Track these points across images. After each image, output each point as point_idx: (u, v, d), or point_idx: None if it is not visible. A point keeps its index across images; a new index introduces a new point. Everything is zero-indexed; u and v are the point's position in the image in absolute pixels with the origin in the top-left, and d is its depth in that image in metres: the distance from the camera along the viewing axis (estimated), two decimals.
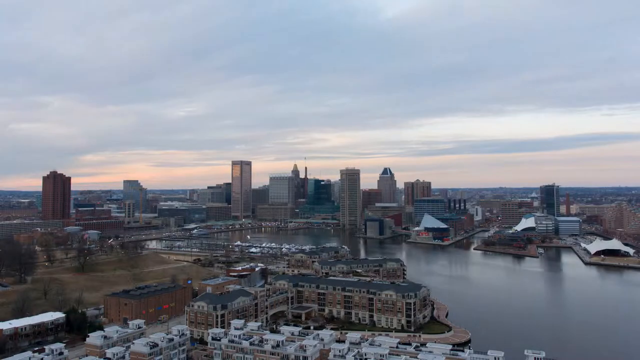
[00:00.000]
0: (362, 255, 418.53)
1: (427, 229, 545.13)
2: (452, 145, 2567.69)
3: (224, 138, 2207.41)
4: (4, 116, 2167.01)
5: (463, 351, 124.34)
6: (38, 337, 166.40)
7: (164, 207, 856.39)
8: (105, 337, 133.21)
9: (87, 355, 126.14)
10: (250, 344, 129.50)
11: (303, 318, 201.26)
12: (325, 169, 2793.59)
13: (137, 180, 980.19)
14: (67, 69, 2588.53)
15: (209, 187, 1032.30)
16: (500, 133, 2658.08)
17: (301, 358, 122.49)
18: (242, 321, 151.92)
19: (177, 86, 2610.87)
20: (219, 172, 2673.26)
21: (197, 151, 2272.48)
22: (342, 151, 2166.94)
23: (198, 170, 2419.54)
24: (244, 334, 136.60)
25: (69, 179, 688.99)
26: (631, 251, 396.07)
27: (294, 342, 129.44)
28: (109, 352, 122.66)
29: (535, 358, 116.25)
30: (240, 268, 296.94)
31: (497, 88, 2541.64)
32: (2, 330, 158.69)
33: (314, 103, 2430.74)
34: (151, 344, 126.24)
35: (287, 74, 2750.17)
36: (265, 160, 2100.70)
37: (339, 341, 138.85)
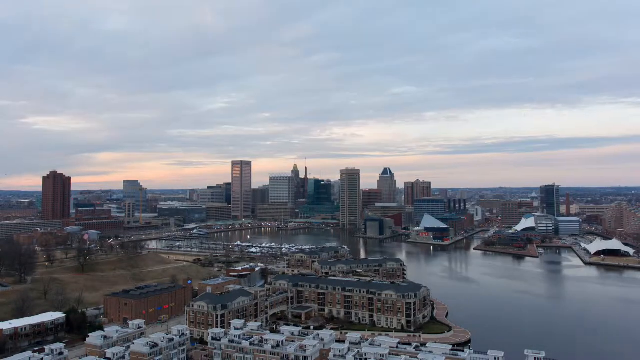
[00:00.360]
0: (362, 255, 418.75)
1: (427, 229, 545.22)
2: (497, 140, 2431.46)
3: (254, 134, 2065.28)
4: (19, 108, 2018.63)
5: (463, 351, 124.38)
6: (38, 337, 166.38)
7: (164, 207, 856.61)
8: (105, 337, 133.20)
9: (87, 355, 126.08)
10: (250, 344, 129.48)
11: (303, 318, 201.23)
12: (325, 168, 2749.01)
13: (137, 180, 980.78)
14: (103, 47, 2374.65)
15: (209, 187, 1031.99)
16: (554, 129, 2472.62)
17: (301, 358, 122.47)
18: (242, 321, 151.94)
19: (230, 68, 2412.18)
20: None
21: (220, 148, 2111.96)
22: (371, 148, 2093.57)
23: (215, 168, 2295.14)
24: (244, 334, 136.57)
25: (69, 179, 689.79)
26: (631, 251, 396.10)
27: (294, 342, 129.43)
28: (109, 352, 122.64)
29: (535, 358, 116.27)
30: (240, 268, 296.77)
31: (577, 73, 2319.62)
32: (2, 330, 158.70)
33: (375, 91, 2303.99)
34: (151, 344, 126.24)
35: (367, 52, 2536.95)
36: (288, 159, 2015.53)
37: (339, 341, 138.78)
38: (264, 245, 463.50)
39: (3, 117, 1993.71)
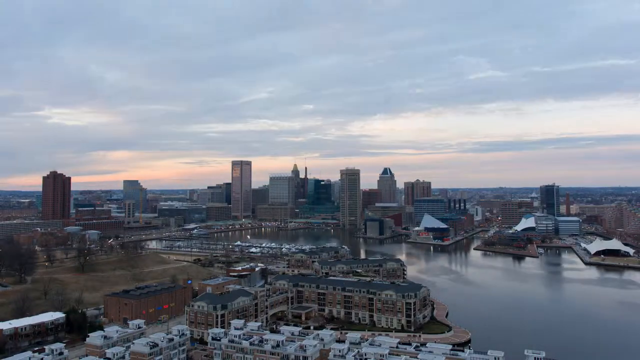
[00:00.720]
0: (362, 255, 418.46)
1: (427, 229, 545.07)
2: (548, 137, 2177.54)
3: (287, 129, 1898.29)
4: (36, 98, 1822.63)
5: (463, 351, 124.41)
6: (38, 337, 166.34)
7: (164, 207, 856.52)
8: (105, 337, 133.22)
9: (87, 355, 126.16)
10: (250, 344, 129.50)
11: (303, 318, 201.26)
12: (325, 168, 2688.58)
13: (137, 180, 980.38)
14: (148, 17, 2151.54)
15: (209, 187, 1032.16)
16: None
17: (301, 358, 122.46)
18: (242, 321, 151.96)
19: (288, 48, 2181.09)
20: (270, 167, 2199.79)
21: (246, 145, 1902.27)
22: (406, 146, 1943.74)
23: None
24: (244, 334, 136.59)
25: (69, 179, 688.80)
26: (631, 251, 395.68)
27: (294, 342, 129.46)
28: (109, 352, 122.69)
29: (535, 358, 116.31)
30: (240, 268, 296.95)
31: None
32: (2, 330, 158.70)
33: (449, 77, 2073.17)
34: (151, 344, 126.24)
35: (463, 25, 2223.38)
36: (311, 158, 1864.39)
37: (339, 341, 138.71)
38: (264, 245, 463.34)
39: (17, 109, 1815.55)
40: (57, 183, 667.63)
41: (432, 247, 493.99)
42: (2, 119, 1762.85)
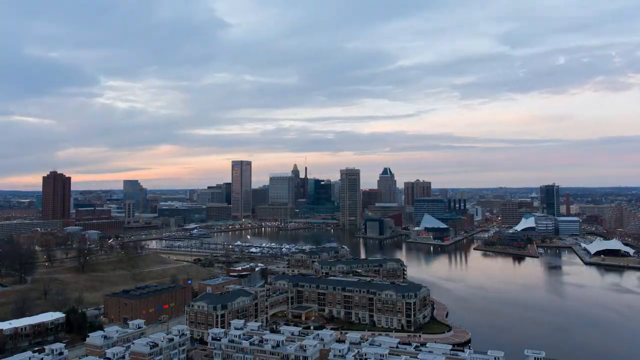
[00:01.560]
0: (362, 255, 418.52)
1: (427, 229, 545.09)
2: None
3: (390, 114, 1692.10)
4: (101, 61, 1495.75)
5: (463, 351, 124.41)
6: (38, 337, 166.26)
7: (164, 207, 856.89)
8: (105, 337, 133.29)
9: (87, 355, 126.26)
10: (250, 344, 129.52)
11: (303, 318, 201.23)
12: (325, 169, 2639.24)
13: (137, 180, 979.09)
14: None
15: (209, 187, 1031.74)
16: None
17: (301, 358, 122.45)
18: (242, 321, 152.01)
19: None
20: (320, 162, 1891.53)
21: (321, 135, 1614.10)
22: (511, 138, 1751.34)
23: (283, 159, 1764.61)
24: (244, 334, 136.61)
25: (69, 179, 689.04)
26: (631, 251, 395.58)
27: (294, 342, 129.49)
28: (109, 352, 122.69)
29: (535, 358, 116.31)
30: (240, 268, 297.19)
31: None
32: (2, 330, 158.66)
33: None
34: (151, 344, 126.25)
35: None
36: (378, 153, 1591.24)
37: (339, 341, 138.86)
38: (264, 245, 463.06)
39: (70, 82, 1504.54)
40: (57, 183, 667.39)
41: (432, 247, 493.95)
42: (46, 99, 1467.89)
